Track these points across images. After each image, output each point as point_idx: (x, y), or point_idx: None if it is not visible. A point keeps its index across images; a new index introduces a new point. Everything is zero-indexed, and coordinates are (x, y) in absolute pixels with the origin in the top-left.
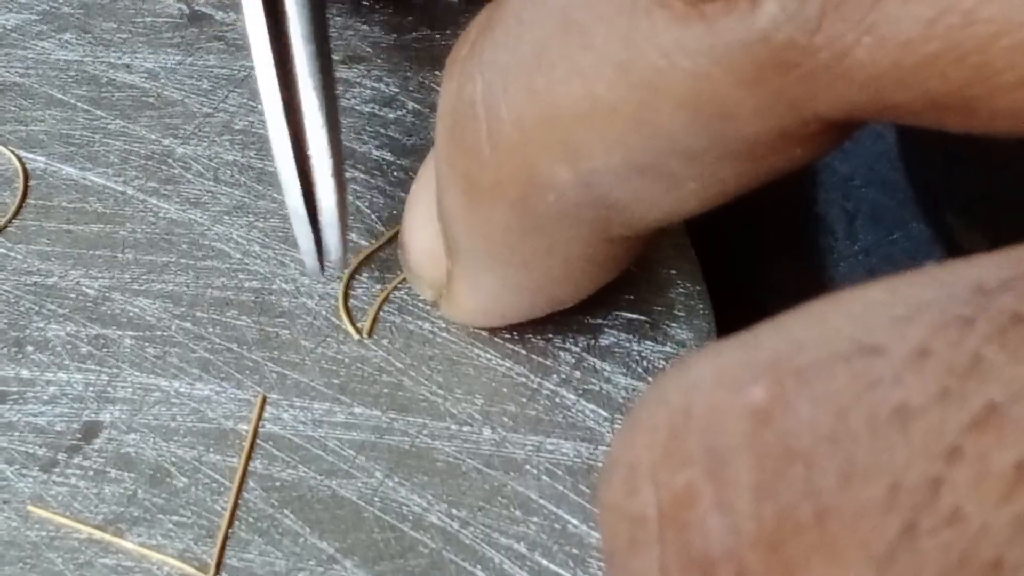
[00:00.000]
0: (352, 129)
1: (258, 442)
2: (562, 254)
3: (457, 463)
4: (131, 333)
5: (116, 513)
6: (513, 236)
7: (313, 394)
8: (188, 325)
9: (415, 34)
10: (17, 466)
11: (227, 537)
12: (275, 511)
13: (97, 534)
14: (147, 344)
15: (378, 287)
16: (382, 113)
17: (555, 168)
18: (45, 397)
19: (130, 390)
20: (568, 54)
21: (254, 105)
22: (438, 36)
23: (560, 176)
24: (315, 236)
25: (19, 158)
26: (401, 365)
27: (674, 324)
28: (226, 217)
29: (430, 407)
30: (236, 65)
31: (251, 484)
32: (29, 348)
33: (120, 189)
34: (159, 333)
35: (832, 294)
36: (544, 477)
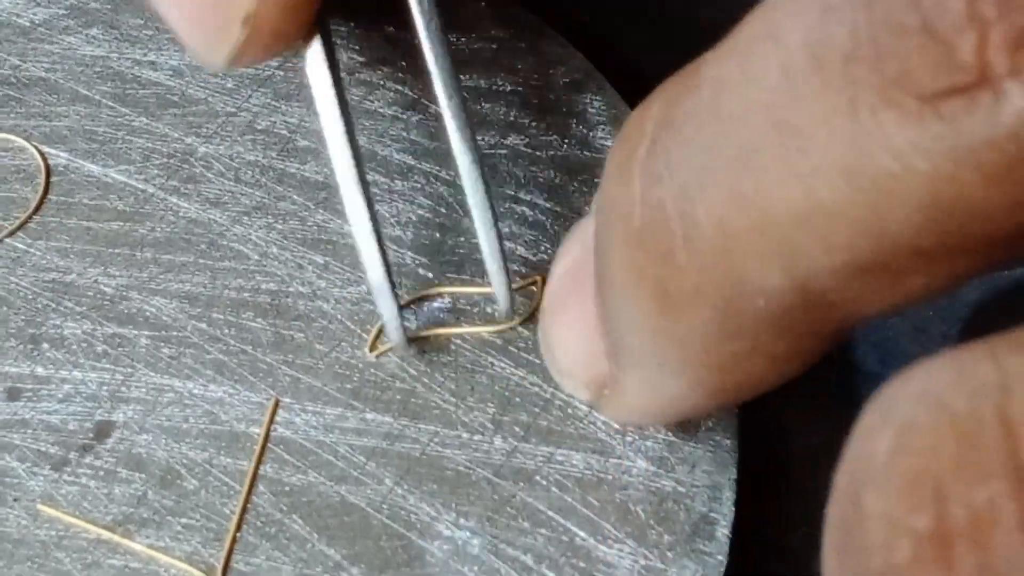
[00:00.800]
0: (374, 132)
1: (269, 446)
2: (767, 355)
3: (467, 472)
4: (147, 333)
5: (125, 514)
6: (713, 343)
7: (326, 399)
8: (204, 326)
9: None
10: (29, 464)
11: (235, 541)
12: (284, 516)
13: (106, 534)
14: (162, 344)
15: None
16: (404, 116)
17: (768, 274)
18: (60, 395)
19: (144, 390)
20: (783, 156)
21: (277, 105)
22: (463, 40)
23: (772, 281)
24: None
25: (42, 154)
26: (415, 372)
27: None
28: (245, 218)
29: (442, 415)
30: (261, 65)
31: (261, 488)
32: (45, 345)
33: (141, 187)
34: (175, 333)
35: None
36: (554, 489)
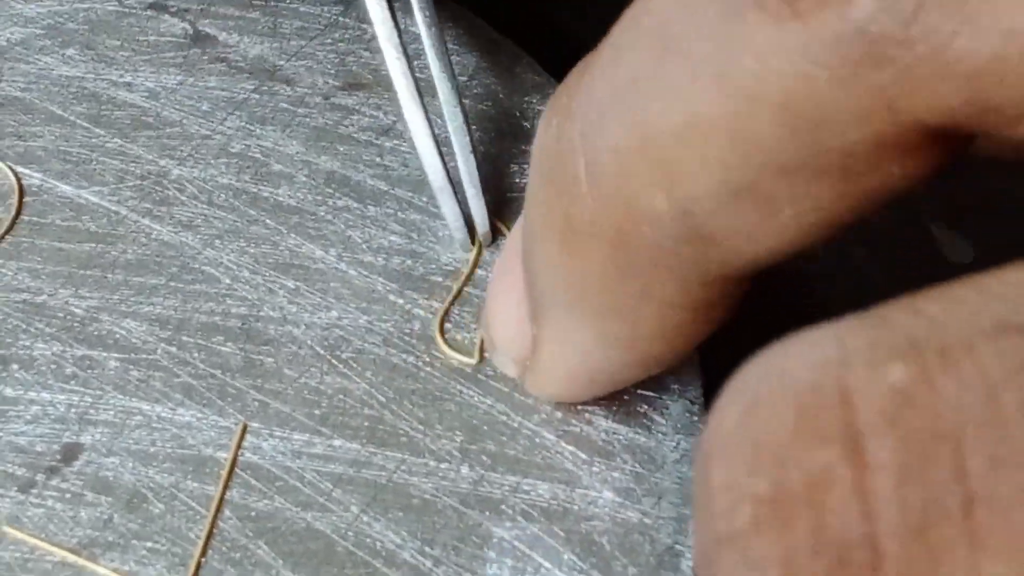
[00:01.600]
0: (348, 157)
1: (236, 471)
2: (657, 298)
3: (433, 500)
4: (116, 355)
5: (91, 537)
6: (610, 279)
7: (294, 424)
8: (173, 349)
9: (418, 63)
10: None
11: (199, 566)
12: (249, 541)
13: (71, 557)
14: (131, 367)
15: (364, 318)
16: (379, 142)
17: (651, 196)
18: (28, 416)
19: (112, 413)
20: (664, 71)
21: (252, 128)
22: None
23: (656, 205)
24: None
25: (15, 173)
26: (383, 399)
27: None
28: (217, 241)
29: (409, 442)
30: (236, 87)
31: (227, 513)
32: (14, 366)
33: (114, 209)
34: (144, 356)
35: (962, 278)
36: (520, 518)
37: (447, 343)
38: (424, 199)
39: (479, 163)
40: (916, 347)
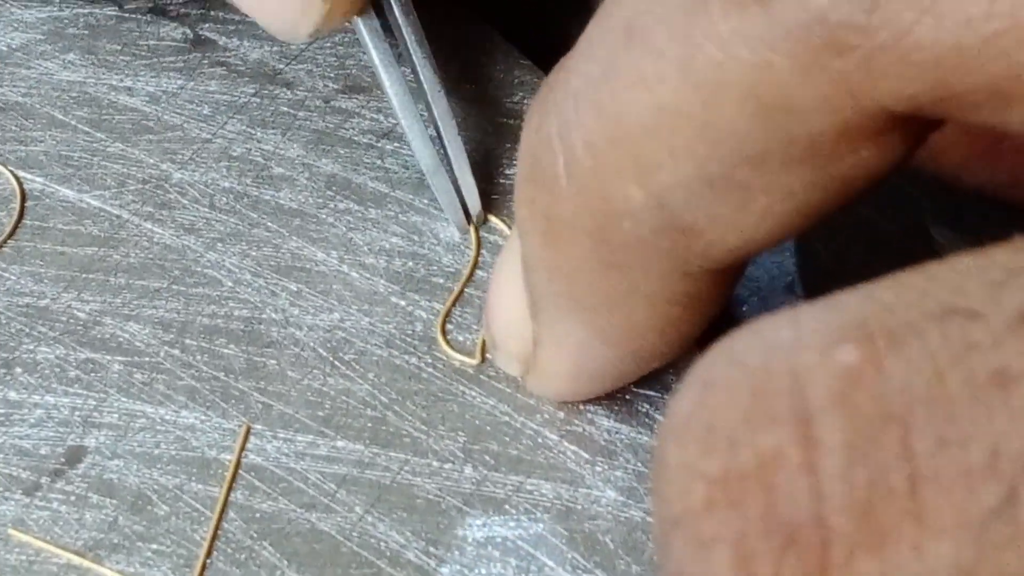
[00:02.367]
0: (349, 160)
1: (240, 472)
2: (643, 292)
3: (437, 500)
4: (120, 358)
5: (96, 539)
6: (594, 273)
7: (297, 426)
8: (177, 352)
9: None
10: (0, 489)
11: (204, 568)
12: (254, 543)
13: (76, 560)
14: (135, 370)
15: (366, 320)
16: (379, 144)
17: (627, 189)
18: (32, 420)
19: (116, 416)
20: (631, 63)
21: (252, 132)
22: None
23: (633, 197)
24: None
25: (17, 178)
26: (386, 400)
27: (660, 367)
28: (220, 244)
29: (413, 443)
30: (237, 91)
31: (231, 515)
32: (18, 370)
33: (116, 213)
34: (147, 359)
35: (914, 266)
36: (523, 518)
37: (449, 344)
38: (425, 201)
39: (465, 146)
40: (865, 329)
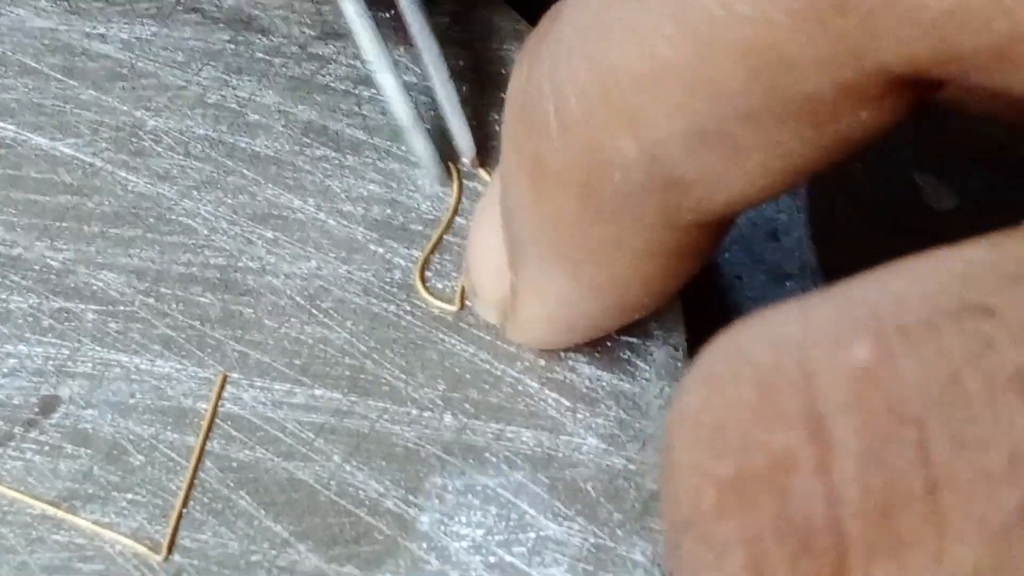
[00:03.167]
0: (326, 107)
1: (217, 422)
2: (631, 245)
3: (416, 449)
4: (94, 307)
5: (70, 490)
6: (582, 224)
7: (274, 375)
8: (152, 301)
9: (393, 12)
10: None
11: (181, 517)
12: (230, 492)
13: (50, 510)
14: (109, 319)
15: (344, 267)
16: (357, 91)
17: (619, 141)
18: (4, 370)
19: (90, 365)
20: (626, 14)
21: (227, 79)
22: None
23: (625, 150)
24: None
25: None
26: (364, 348)
27: None
28: (195, 192)
29: (392, 391)
30: (212, 38)
31: (208, 464)
32: None
33: (89, 161)
34: (122, 308)
35: (923, 252)
36: (503, 466)
37: (428, 291)
38: (403, 148)
39: (458, 91)
40: (878, 326)
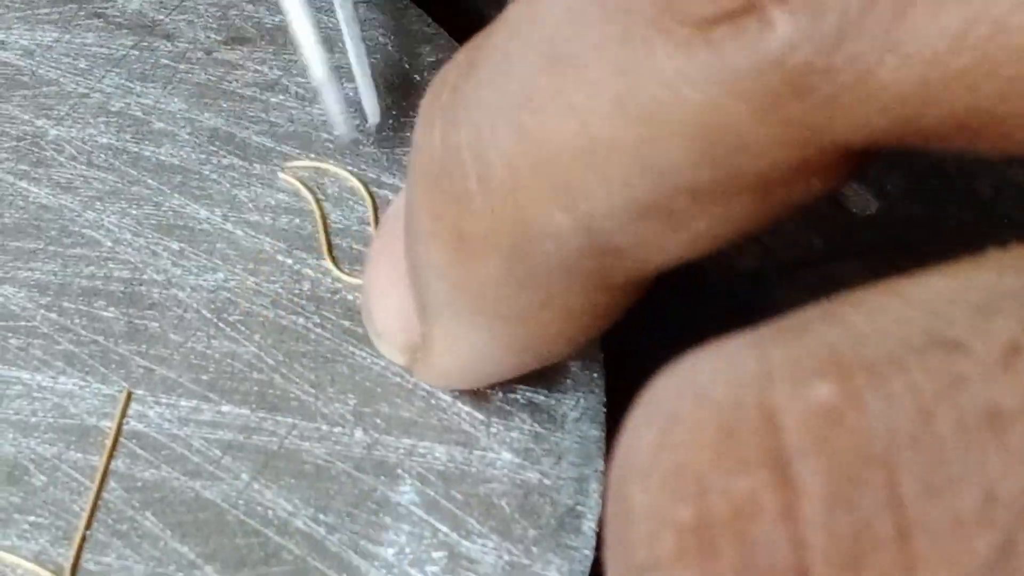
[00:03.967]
0: (232, 113)
1: (121, 440)
2: (560, 306)
3: (327, 466)
4: None
5: None
6: (507, 290)
7: (180, 391)
8: (54, 316)
9: None
10: None
11: (84, 539)
12: (136, 513)
13: None
14: (10, 335)
15: (252, 279)
16: (264, 97)
17: (553, 214)
18: None
19: None
20: (559, 90)
21: (131, 86)
22: (324, 19)
23: (559, 222)
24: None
25: None
26: (272, 362)
27: None
28: (98, 203)
29: (301, 406)
30: (115, 44)
31: (112, 484)
32: None
33: None
34: (23, 323)
35: (884, 283)
36: (416, 482)
37: (336, 263)
38: (312, 156)
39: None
40: (842, 363)
